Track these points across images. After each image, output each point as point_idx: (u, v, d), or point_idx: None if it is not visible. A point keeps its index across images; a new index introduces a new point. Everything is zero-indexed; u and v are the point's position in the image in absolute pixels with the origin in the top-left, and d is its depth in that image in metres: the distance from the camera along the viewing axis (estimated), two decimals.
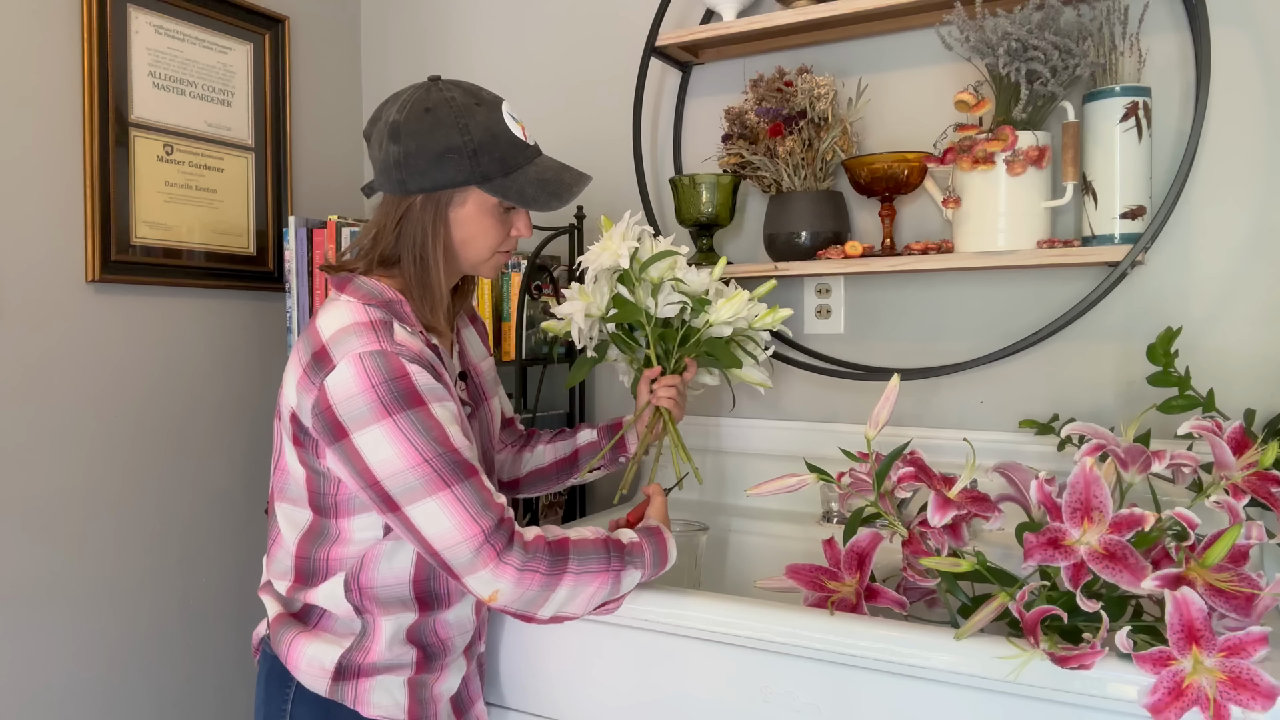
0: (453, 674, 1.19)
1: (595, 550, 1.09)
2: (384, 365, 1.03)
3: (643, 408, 1.36)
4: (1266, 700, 0.83)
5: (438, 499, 1.02)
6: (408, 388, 1.03)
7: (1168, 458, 1.06)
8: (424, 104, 1.12)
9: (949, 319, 1.59)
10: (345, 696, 1.12)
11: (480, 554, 1.02)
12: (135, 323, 1.73)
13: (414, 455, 1.02)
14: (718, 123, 1.73)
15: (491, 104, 1.14)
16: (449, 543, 1.02)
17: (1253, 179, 1.38)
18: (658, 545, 1.16)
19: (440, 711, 1.18)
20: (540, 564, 1.04)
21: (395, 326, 1.08)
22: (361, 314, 1.08)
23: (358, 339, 1.05)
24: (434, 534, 1.02)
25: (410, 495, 1.02)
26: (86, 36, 1.63)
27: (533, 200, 1.13)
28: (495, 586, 1.03)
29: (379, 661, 1.13)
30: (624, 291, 1.34)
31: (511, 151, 1.13)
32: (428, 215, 1.13)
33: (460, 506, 1.02)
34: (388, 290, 1.13)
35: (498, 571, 1.02)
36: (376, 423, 1.02)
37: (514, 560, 1.03)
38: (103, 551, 1.68)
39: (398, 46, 2.17)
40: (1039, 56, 1.34)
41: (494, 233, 1.16)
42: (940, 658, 0.99)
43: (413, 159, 1.11)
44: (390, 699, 1.13)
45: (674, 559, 1.19)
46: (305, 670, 1.12)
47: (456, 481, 1.02)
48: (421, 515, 1.02)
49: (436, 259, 1.13)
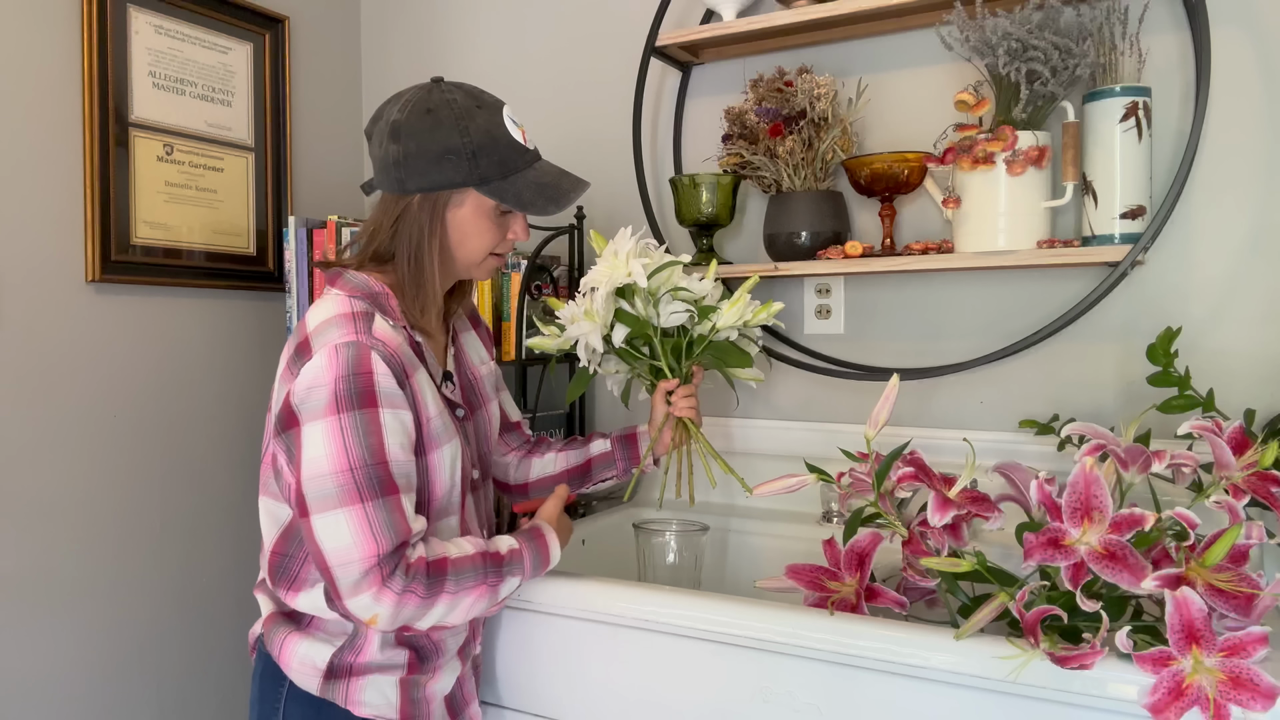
0: (446, 674, 1.19)
1: (472, 567, 1.08)
2: (353, 358, 1.04)
3: (662, 422, 1.35)
4: (1266, 700, 0.83)
5: (347, 512, 1.01)
6: (366, 386, 1.03)
7: (1168, 458, 1.06)
8: (425, 104, 1.12)
9: (949, 319, 1.59)
10: (337, 695, 1.12)
11: (367, 577, 1.01)
12: (135, 323, 1.73)
13: (342, 460, 1.02)
14: (718, 123, 1.73)
15: (493, 107, 1.15)
16: (342, 560, 1.01)
17: (1253, 179, 1.38)
18: (538, 548, 1.16)
19: (434, 711, 1.18)
20: (418, 587, 1.03)
21: (376, 319, 1.08)
22: (345, 306, 1.09)
23: (338, 330, 1.06)
24: (331, 548, 1.01)
25: (323, 503, 1.02)
26: (86, 36, 1.63)
27: (530, 204, 1.13)
28: (375, 611, 1.02)
29: (371, 662, 1.12)
30: (625, 305, 1.33)
31: (511, 155, 1.13)
32: (424, 215, 1.13)
33: (365, 524, 1.01)
34: (375, 283, 1.14)
35: (379, 597, 1.01)
36: (324, 417, 1.02)
37: (395, 585, 1.01)
38: (103, 551, 1.68)
39: (398, 46, 2.17)
40: (1039, 56, 1.34)
41: (490, 235, 1.17)
42: (940, 658, 0.99)
43: (412, 159, 1.11)
44: (382, 698, 1.13)
45: (557, 558, 1.19)
46: (297, 669, 1.13)
47: (372, 498, 1.02)
48: (325, 526, 1.02)
49: (431, 258, 1.14)
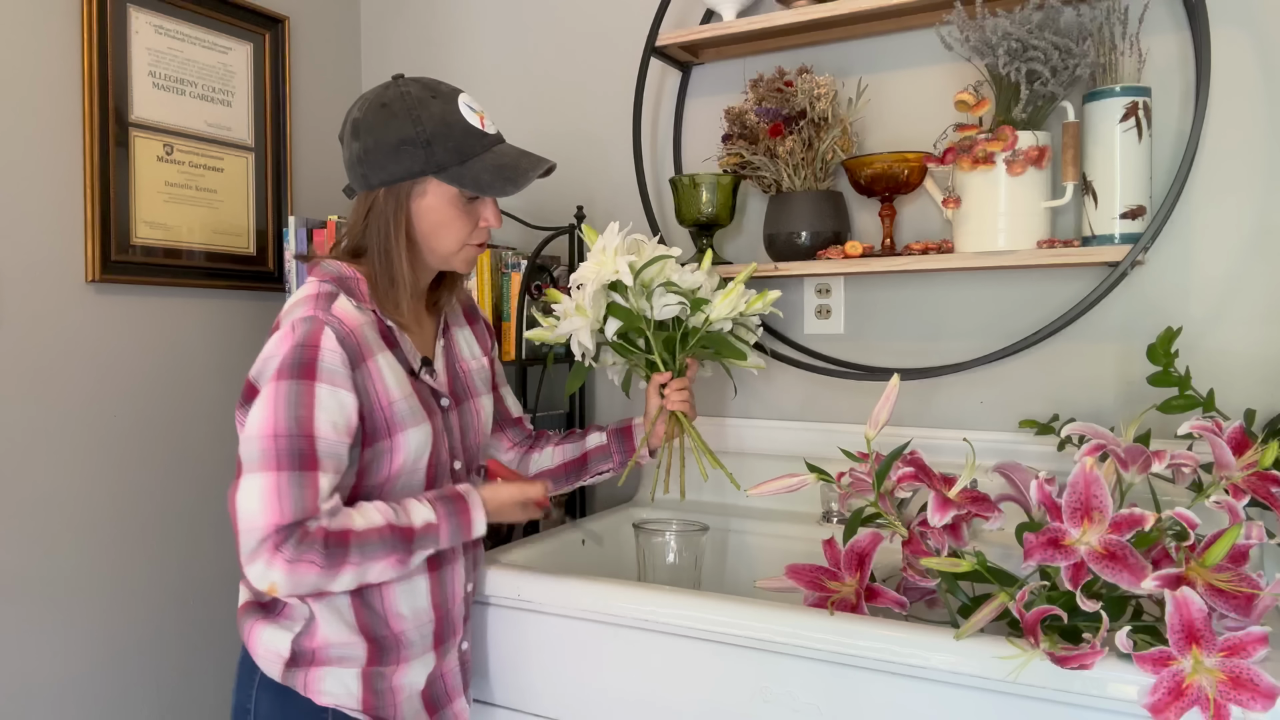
0: (415, 668, 1.18)
1: (380, 540, 1.07)
2: (306, 331, 1.06)
3: (656, 415, 1.36)
4: (1266, 700, 0.83)
5: (262, 477, 1.03)
6: (309, 359, 1.06)
7: (1168, 458, 1.06)
8: (381, 100, 1.15)
9: (949, 319, 1.59)
10: (297, 683, 1.13)
11: (262, 545, 1.02)
12: (135, 323, 1.73)
13: (269, 426, 1.04)
14: (718, 123, 1.73)
15: (448, 95, 1.16)
16: (247, 525, 1.03)
17: (1253, 179, 1.38)
18: (459, 522, 1.14)
19: (401, 703, 1.17)
20: (315, 556, 1.02)
21: (340, 298, 1.11)
22: (313, 288, 1.13)
23: (300, 308, 1.09)
24: (243, 511, 1.03)
25: (249, 465, 1.04)
26: (86, 37, 1.63)
27: (488, 186, 1.14)
28: (270, 579, 1.03)
29: (330, 650, 1.12)
30: (618, 299, 1.33)
31: (467, 140, 1.14)
32: (389, 207, 1.15)
33: (274, 492, 1.02)
34: (347, 269, 1.16)
35: (270, 564, 1.02)
36: (269, 382, 1.05)
37: (286, 553, 1.02)
38: (102, 550, 1.68)
39: (398, 46, 2.17)
40: (1039, 56, 1.34)
41: (459, 223, 1.18)
42: (940, 658, 0.99)
43: (371, 153, 1.14)
44: (343, 688, 1.13)
45: (480, 531, 1.16)
46: (263, 657, 1.14)
47: (289, 468, 1.03)
48: (243, 489, 1.04)
49: (400, 250, 1.15)
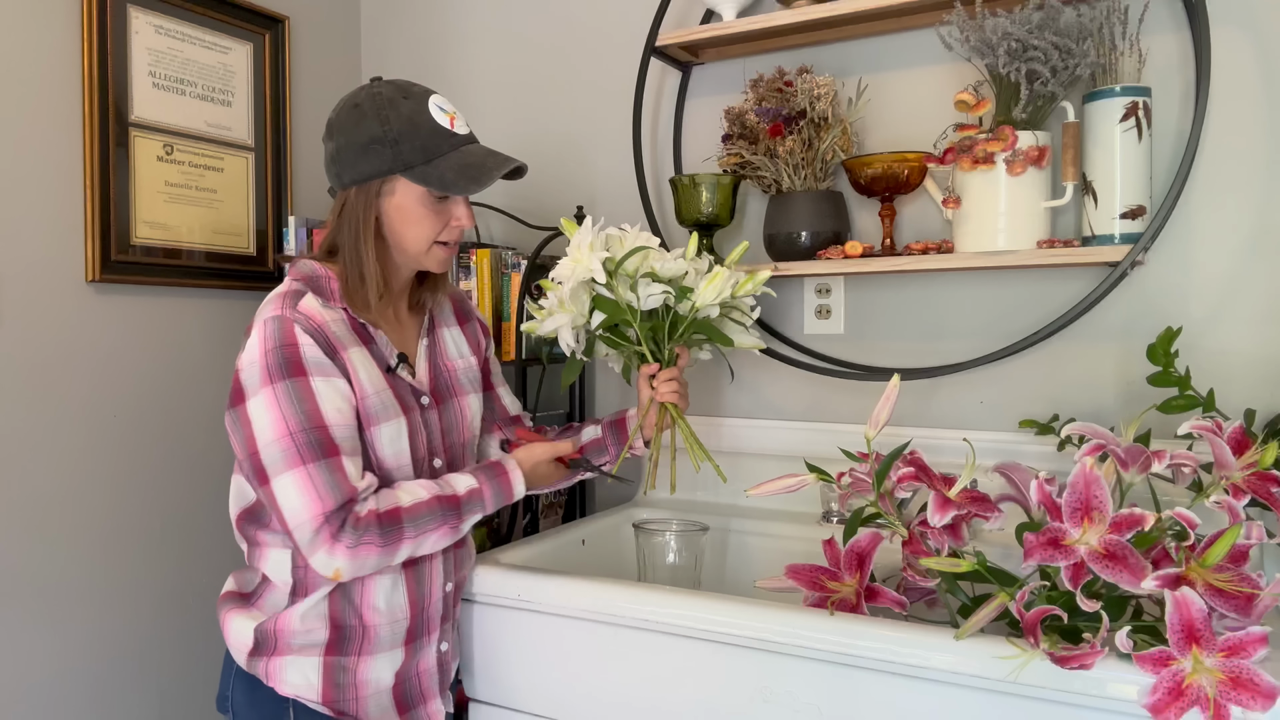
0: (380, 662, 1.17)
1: (429, 512, 1.12)
2: (278, 331, 1.09)
3: (647, 406, 1.36)
4: (1266, 700, 0.83)
5: (293, 474, 1.05)
6: (292, 357, 1.08)
7: (1168, 458, 1.06)
8: (354, 100, 1.17)
9: (949, 319, 1.59)
10: (259, 671, 1.14)
11: (319, 535, 1.06)
12: (135, 323, 1.73)
13: (282, 426, 1.06)
14: (718, 123, 1.73)
15: (419, 96, 1.17)
16: (296, 521, 1.06)
17: (1253, 179, 1.38)
18: (499, 485, 1.19)
19: (366, 698, 1.16)
20: (373, 538, 1.07)
21: (306, 296, 1.13)
22: (284, 287, 1.15)
23: (269, 308, 1.11)
24: (287, 510, 1.06)
25: (275, 468, 1.06)
26: (86, 36, 1.63)
27: (451, 185, 1.15)
28: (335, 566, 1.07)
29: (292, 638, 1.13)
30: (604, 291, 1.33)
31: (434, 139, 1.16)
32: (360, 206, 1.17)
33: (310, 484, 1.05)
34: (320, 268, 1.18)
35: (333, 553, 1.06)
36: (261, 389, 1.07)
37: (346, 540, 1.06)
38: (101, 550, 1.68)
39: (398, 46, 2.17)
40: (1039, 56, 1.33)
41: (428, 222, 1.18)
42: (940, 658, 0.99)
43: (343, 152, 1.16)
44: (303, 678, 1.13)
45: (520, 493, 1.21)
46: (234, 644, 1.16)
47: (313, 459, 1.06)
48: (279, 490, 1.06)
49: (368, 249, 1.17)
